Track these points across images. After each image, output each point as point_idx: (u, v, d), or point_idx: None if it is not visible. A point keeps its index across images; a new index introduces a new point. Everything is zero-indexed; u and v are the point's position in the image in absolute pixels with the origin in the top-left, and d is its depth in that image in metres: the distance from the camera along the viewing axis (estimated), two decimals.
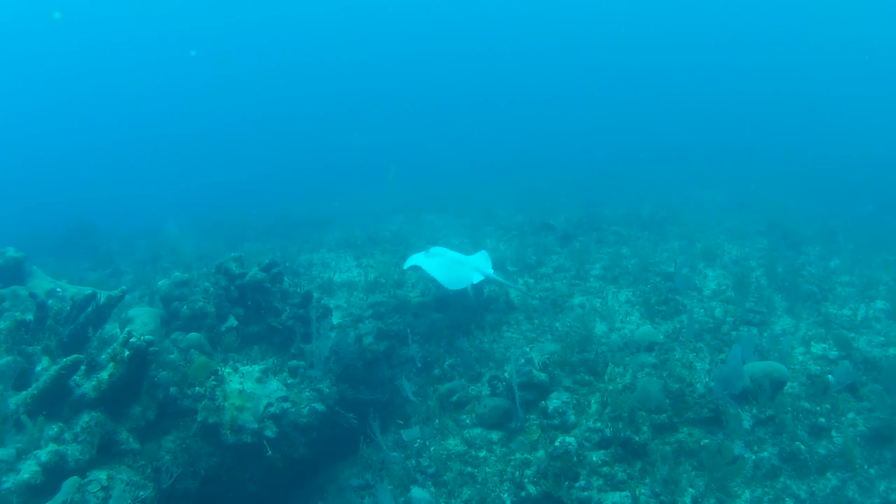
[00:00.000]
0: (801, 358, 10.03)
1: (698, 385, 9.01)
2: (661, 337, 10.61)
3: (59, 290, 11.77)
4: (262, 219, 27.36)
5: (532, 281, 13.80)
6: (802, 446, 7.99)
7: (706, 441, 8.09)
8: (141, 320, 11.13)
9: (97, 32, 75.37)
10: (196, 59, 79.94)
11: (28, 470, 7.13)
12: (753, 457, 7.97)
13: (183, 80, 78.13)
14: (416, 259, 12.24)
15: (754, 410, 8.47)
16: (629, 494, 7.49)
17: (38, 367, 8.52)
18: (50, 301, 9.62)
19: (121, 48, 77.59)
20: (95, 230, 27.89)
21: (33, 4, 69.15)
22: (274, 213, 28.13)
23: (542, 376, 9.37)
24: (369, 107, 71.36)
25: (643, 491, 7.55)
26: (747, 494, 7.50)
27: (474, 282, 11.75)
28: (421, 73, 78.88)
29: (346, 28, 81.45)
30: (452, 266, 11.93)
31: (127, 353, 7.91)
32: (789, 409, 8.44)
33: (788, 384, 8.95)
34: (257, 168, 48.80)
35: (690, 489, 7.51)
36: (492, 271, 12.19)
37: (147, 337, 8.14)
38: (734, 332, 10.66)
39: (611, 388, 9.24)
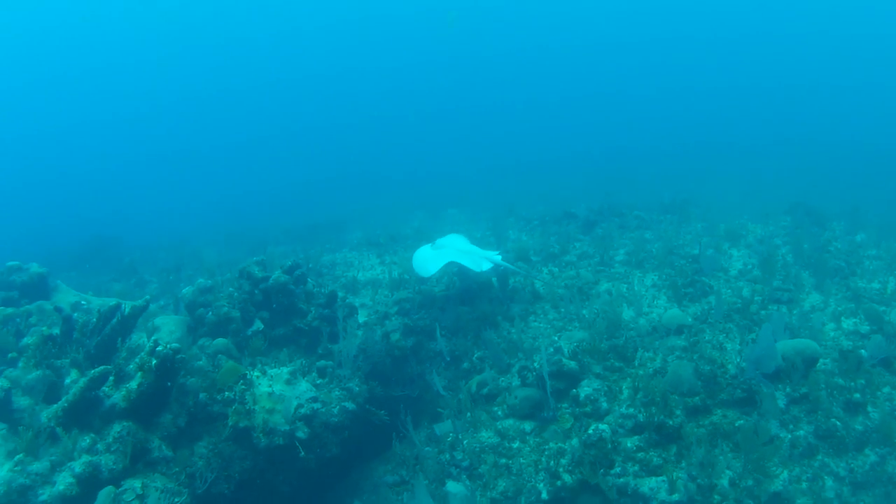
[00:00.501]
0: (832, 334, 9.95)
1: (730, 366, 8.93)
2: (690, 319, 10.53)
3: (83, 302, 11.81)
4: (283, 225, 27.41)
5: (556, 269, 13.74)
6: (839, 423, 7.92)
7: (741, 422, 8.04)
8: (167, 328, 11.15)
9: (118, 46, 75.88)
10: (215, 70, 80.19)
11: (63, 482, 7.16)
12: (789, 436, 7.91)
13: (201, 92, 78.39)
14: (425, 251, 12.24)
15: (788, 389, 8.40)
16: (666, 479, 7.46)
17: (68, 380, 8.55)
18: (75, 314, 9.65)
19: (142, 61, 77.97)
20: (117, 242, 28.11)
21: (62, 20, 69.79)
22: (295, 219, 28.20)
23: (572, 364, 9.33)
24: (387, 108, 71.32)
25: (680, 475, 7.51)
26: (785, 474, 7.45)
27: (484, 269, 11.72)
28: (438, 74, 78.74)
29: (364, 31, 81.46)
30: (461, 255, 11.92)
31: (154, 361, 7.93)
32: (823, 386, 8.38)
33: (821, 361, 8.87)
34: (276, 176, 48.80)
35: (727, 471, 7.46)
36: (499, 258, 12.17)
37: (173, 345, 8.15)
38: (763, 312, 10.58)
39: (641, 373, 9.20)
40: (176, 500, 7.41)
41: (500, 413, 9.46)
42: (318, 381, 9.98)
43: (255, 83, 79.38)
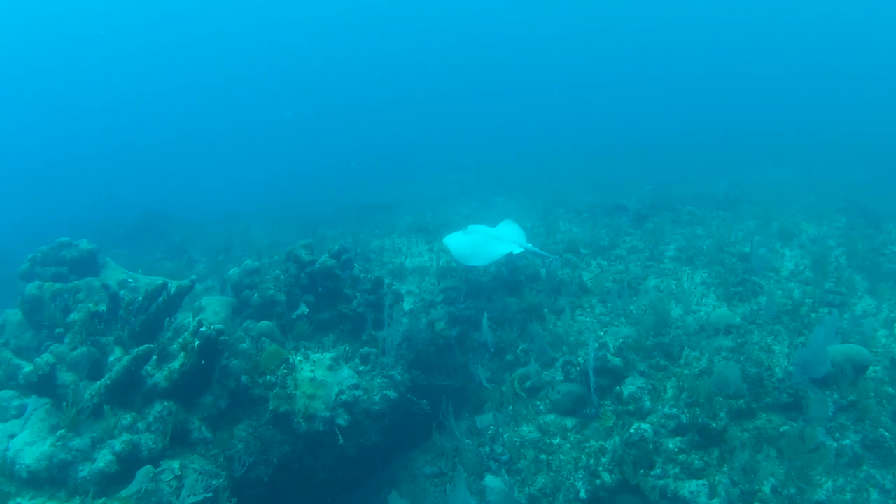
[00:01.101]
0: (884, 340, 9.72)
1: (777, 369, 8.78)
2: (738, 319, 10.36)
3: (130, 280, 11.94)
4: (336, 205, 27.50)
5: (605, 263, 13.62)
6: (887, 433, 7.73)
7: (786, 427, 7.89)
8: (213, 309, 11.24)
9: (169, 28, 76.71)
10: (270, 49, 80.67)
11: (103, 459, 7.25)
12: (835, 444, 7.73)
13: (250, 72, 78.91)
14: (455, 237, 12.29)
15: (835, 396, 8.22)
16: (706, 483, 7.37)
17: (111, 358, 8.65)
18: (122, 292, 9.77)
19: (198, 39, 78.75)
20: (167, 219, 28.35)
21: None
22: (346, 200, 28.30)
23: (617, 361, 9.24)
24: (439, 94, 71.19)
25: (721, 479, 7.40)
26: (829, 484, 7.29)
27: (514, 253, 11.90)
28: (487, 60, 78.40)
29: (417, 17, 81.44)
30: (491, 241, 12.04)
31: (197, 342, 7.99)
32: (872, 394, 8.17)
33: (871, 368, 8.66)
34: (329, 156, 48.99)
35: (770, 478, 7.32)
36: (529, 244, 12.36)
37: (217, 326, 8.21)
38: (813, 314, 10.37)
39: (687, 372, 9.07)
40: (213, 482, 7.47)
41: (542, 407, 9.42)
42: (360, 368, 10.01)
43: (311, 63, 79.69)
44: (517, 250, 11.97)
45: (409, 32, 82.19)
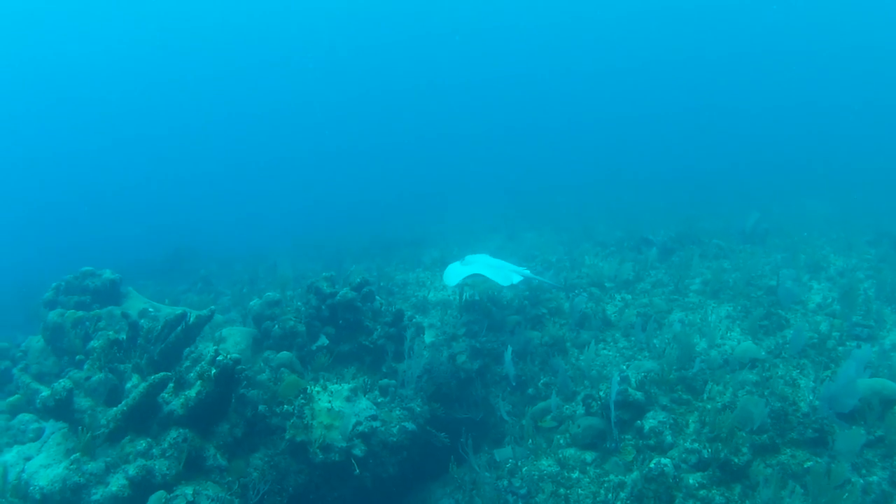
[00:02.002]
0: None
1: (802, 404, 8.61)
2: (763, 353, 10.20)
3: (151, 310, 12.00)
4: (361, 241, 27.55)
5: (630, 297, 13.49)
6: None
7: (810, 463, 7.70)
8: (233, 340, 11.25)
9: (193, 60, 77.69)
10: (289, 84, 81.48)
11: (116, 483, 7.27)
12: (862, 481, 7.53)
13: (279, 108, 79.71)
14: (454, 268, 12.30)
15: (862, 431, 8.03)
16: None
17: (129, 385, 8.66)
18: (142, 321, 9.79)
19: (220, 75, 79.68)
20: (196, 255, 28.57)
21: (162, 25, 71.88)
22: (372, 234, 28.33)
23: (638, 395, 9.10)
24: (465, 127, 71.51)
25: None
26: None
27: (514, 282, 11.95)
28: (516, 93, 78.75)
29: (446, 49, 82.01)
30: (490, 270, 12.05)
31: (214, 371, 7.99)
32: None
33: None
34: (356, 191, 49.22)
35: None
36: (528, 272, 12.43)
37: (234, 355, 8.21)
38: (840, 348, 10.18)
39: (710, 407, 8.91)
40: None
41: (562, 441, 9.28)
42: (379, 400, 9.95)
43: (339, 97, 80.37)
44: (516, 279, 11.97)
45: (442, 66, 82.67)
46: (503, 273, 12.00)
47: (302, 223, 37.12)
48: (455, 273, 12.07)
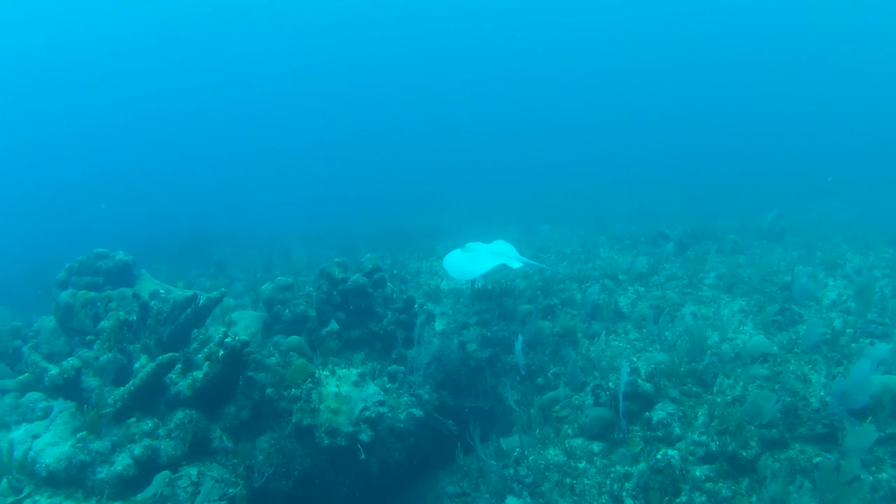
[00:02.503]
0: None
1: (813, 399, 8.52)
2: (775, 348, 10.11)
3: (162, 292, 12.00)
4: (377, 230, 27.61)
5: (643, 289, 13.42)
6: None
7: (819, 459, 7.62)
8: (244, 323, 11.24)
9: (214, 44, 77.92)
10: (311, 73, 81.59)
11: (121, 462, 7.26)
12: (871, 478, 7.45)
13: (298, 94, 79.87)
14: (455, 255, 12.26)
15: (873, 428, 7.93)
16: None
17: (137, 365, 8.65)
18: (153, 302, 9.77)
19: (239, 61, 79.88)
20: (210, 240, 28.72)
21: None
22: (388, 225, 28.37)
23: (648, 386, 9.04)
24: (486, 123, 71.43)
25: None
26: None
27: (514, 268, 12.08)
28: (537, 91, 78.62)
29: (468, 41, 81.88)
30: (490, 257, 12.03)
31: (222, 352, 7.97)
32: None
33: None
34: (375, 182, 49.27)
35: None
36: (528, 259, 12.48)
37: (242, 337, 8.19)
38: (854, 345, 10.07)
39: (719, 400, 8.83)
40: (231, 490, 7.43)
41: (569, 431, 9.23)
42: (387, 386, 9.93)
43: (359, 86, 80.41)
44: (516, 265, 12.03)
45: (465, 61, 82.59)
46: (503, 259, 11.99)
47: (320, 213, 37.25)
48: (461, 261, 12.02)
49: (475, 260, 11.90)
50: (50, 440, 7.68)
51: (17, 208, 47.81)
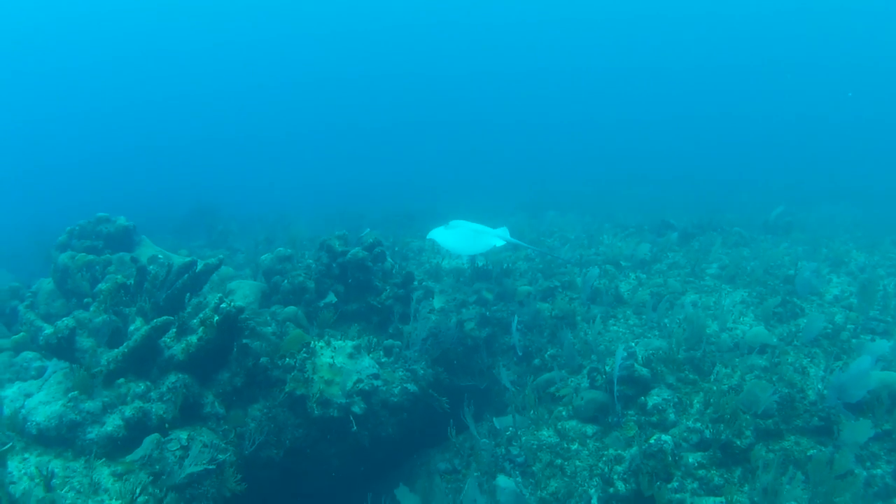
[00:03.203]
0: None
1: (810, 392, 8.45)
2: (775, 340, 10.04)
3: (161, 257, 11.96)
4: (382, 210, 27.68)
5: (644, 276, 13.36)
6: None
7: (814, 451, 7.58)
8: (242, 293, 11.22)
9: (227, 28, 77.84)
10: (329, 56, 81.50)
11: (112, 423, 7.26)
12: (865, 473, 7.40)
13: (309, 78, 79.83)
14: (437, 232, 12.22)
15: (870, 423, 7.86)
16: (725, 501, 7.08)
17: (132, 328, 8.62)
18: (151, 266, 9.74)
19: (256, 41, 79.85)
20: (216, 213, 28.79)
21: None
22: (395, 206, 28.42)
23: (644, 371, 8.98)
24: (497, 113, 71.36)
25: (740, 499, 7.12)
26: None
27: (497, 246, 11.96)
28: (555, 84, 78.48)
29: (488, 32, 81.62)
30: (473, 235, 11.99)
31: (216, 318, 7.95)
32: None
33: None
34: (385, 166, 49.28)
35: (793, 502, 7.01)
36: (511, 238, 12.42)
37: (237, 304, 8.17)
38: (854, 340, 10.00)
39: (716, 388, 8.77)
40: (220, 456, 7.41)
41: (564, 413, 9.18)
42: (383, 360, 9.90)
43: (371, 72, 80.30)
44: (500, 243, 12.00)
45: (479, 54, 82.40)
46: (485, 238, 11.93)
47: (328, 193, 37.26)
48: (450, 237, 12.01)
49: (456, 236, 11.85)
50: (42, 399, 7.67)
51: (26, 177, 48.03)
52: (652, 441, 7.83)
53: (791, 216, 19.16)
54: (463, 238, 11.84)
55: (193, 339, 8.04)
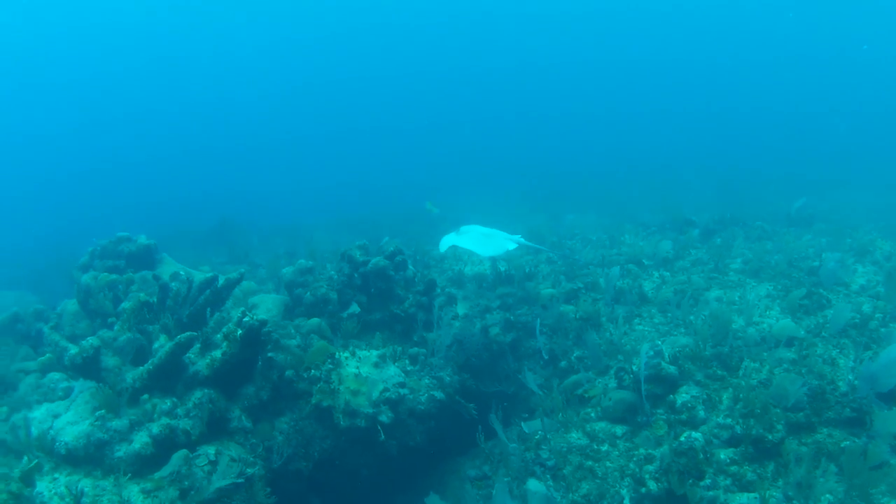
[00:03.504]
0: None
1: (840, 383, 8.36)
2: (802, 332, 9.93)
3: (182, 273, 12.00)
4: (401, 217, 27.64)
5: (668, 274, 13.28)
6: None
7: (847, 443, 7.47)
8: (265, 306, 11.23)
9: (242, 33, 78.19)
10: (339, 60, 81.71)
11: (140, 441, 7.27)
12: None
13: (327, 84, 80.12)
14: (450, 239, 12.17)
15: None
16: (758, 497, 6.98)
17: (156, 345, 8.64)
18: (173, 283, 9.76)
19: (273, 49, 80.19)
20: (237, 227, 28.87)
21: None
22: (413, 213, 28.33)
23: (672, 369, 8.90)
24: (515, 111, 71.26)
25: (774, 494, 7.03)
26: None
27: (509, 249, 11.81)
28: (569, 80, 78.28)
29: (497, 29, 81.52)
30: (484, 238, 11.93)
31: (240, 332, 7.95)
32: None
33: None
34: (400, 172, 49.32)
35: (828, 495, 6.91)
36: (523, 239, 12.22)
37: (260, 317, 8.16)
38: (883, 329, 9.88)
39: (744, 383, 8.69)
40: (249, 470, 7.42)
41: (592, 415, 9.13)
42: (408, 368, 9.86)
43: (385, 75, 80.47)
44: (512, 246, 11.88)
45: (492, 51, 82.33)
46: (497, 241, 11.91)
47: (346, 203, 37.29)
48: (453, 243, 12.03)
49: (467, 241, 11.85)
50: (70, 419, 7.71)
51: (47, 197, 48.42)
52: (682, 439, 7.78)
53: (812, 208, 19.01)
54: (475, 242, 11.84)
55: (218, 353, 8.05)
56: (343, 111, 76.17)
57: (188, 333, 7.95)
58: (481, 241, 11.81)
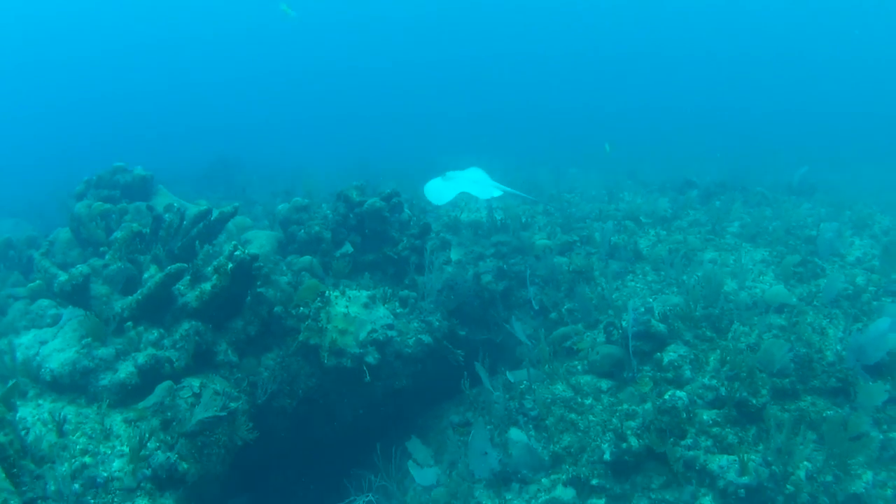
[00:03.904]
0: None
1: (828, 353, 8.37)
2: (794, 299, 9.91)
3: (176, 205, 11.95)
4: (404, 163, 27.55)
5: (664, 233, 13.25)
6: None
7: (830, 412, 7.50)
8: (258, 242, 11.21)
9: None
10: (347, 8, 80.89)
11: (125, 370, 7.29)
12: (881, 436, 7.31)
13: (328, 23, 79.32)
14: (435, 183, 12.25)
15: (887, 386, 7.76)
16: (737, 459, 7.00)
17: (146, 275, 8.62)
18: (166, 215, 9.72)
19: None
20: (238, 166, 28.80)
21: None
22: (416, 159, 28.23)
23: (661, 327, 8.91)
24: (522, 70, 70.75)
25: (754, 458, 7.05)
26: (869, 476, 6.88)
27: (496, 195, 12.05)
28: (579, 41, 77.60)
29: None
30: (472, 185, 12.11)
31: (230, 265, 7.92)
32: None
33: None
34: (406, 122, 48.99)
35: (806, 462, 6.94)
36: (507, 187, 12.47)
37: (252, 251, 8.12)
38: (875, 302, 9.86)
39: (732, 346, 8.69)
40: (231, 404, 7.43)
41: (579, 368, 9.15)
42: (398, 310, 9.85)
43: (402, 21, 79.73)
44: (497, 193, 12.03)
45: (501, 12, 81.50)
46: (484, 187, 11.89)
47: (350, 147, 37.08)
48: (439, 188, 12.00)
49: (452, 187, 11.82)
50: (57, 346, 7.71)
51: (46, 127, 48.22)
52: (667, 397, 7.81)
53: (816, 178, 18.89)
54: (464, 187, 11.85)
55: (207, 286, 8.03)
56: (354, 55, 75.62)
57: (178, 264, 7.93)
58: (469, 187, 11.81)
